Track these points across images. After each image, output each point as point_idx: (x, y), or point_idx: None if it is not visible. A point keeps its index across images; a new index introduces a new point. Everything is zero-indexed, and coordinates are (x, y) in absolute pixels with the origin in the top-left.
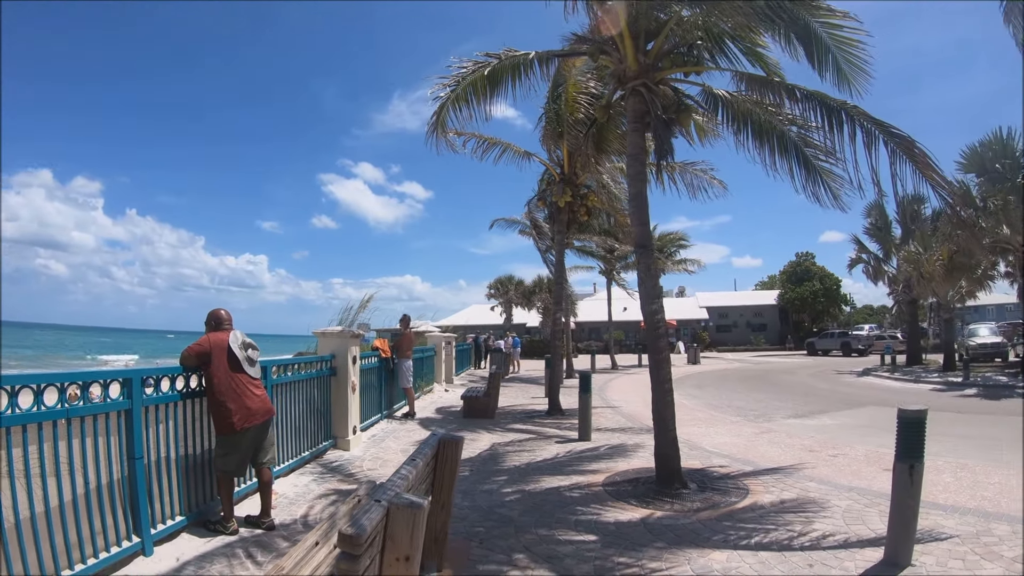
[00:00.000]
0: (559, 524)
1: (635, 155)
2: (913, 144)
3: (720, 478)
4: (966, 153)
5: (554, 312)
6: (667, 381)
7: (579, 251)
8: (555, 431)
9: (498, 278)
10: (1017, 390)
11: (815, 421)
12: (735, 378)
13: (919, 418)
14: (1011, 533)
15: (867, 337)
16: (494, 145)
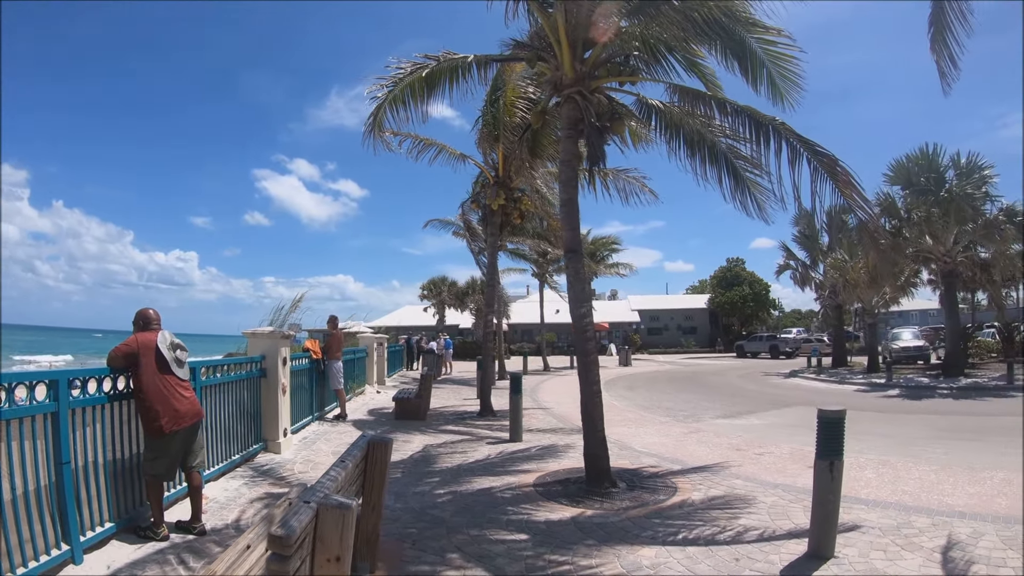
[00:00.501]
0: (491, 524)
1: (567, 161)
2: (836, 162)
3: (649, 477)
4: (893, 167)
5: (486, 314)
6: (595, 383)
7: (512, 254)
8: (487, 432)
9: (431, 279)
10: (939, 391)
11: (743, 421)
12: (665, 380)
13: (838, 418)
14: (930, 525)
15: (795, 340)
16: (430, 146)
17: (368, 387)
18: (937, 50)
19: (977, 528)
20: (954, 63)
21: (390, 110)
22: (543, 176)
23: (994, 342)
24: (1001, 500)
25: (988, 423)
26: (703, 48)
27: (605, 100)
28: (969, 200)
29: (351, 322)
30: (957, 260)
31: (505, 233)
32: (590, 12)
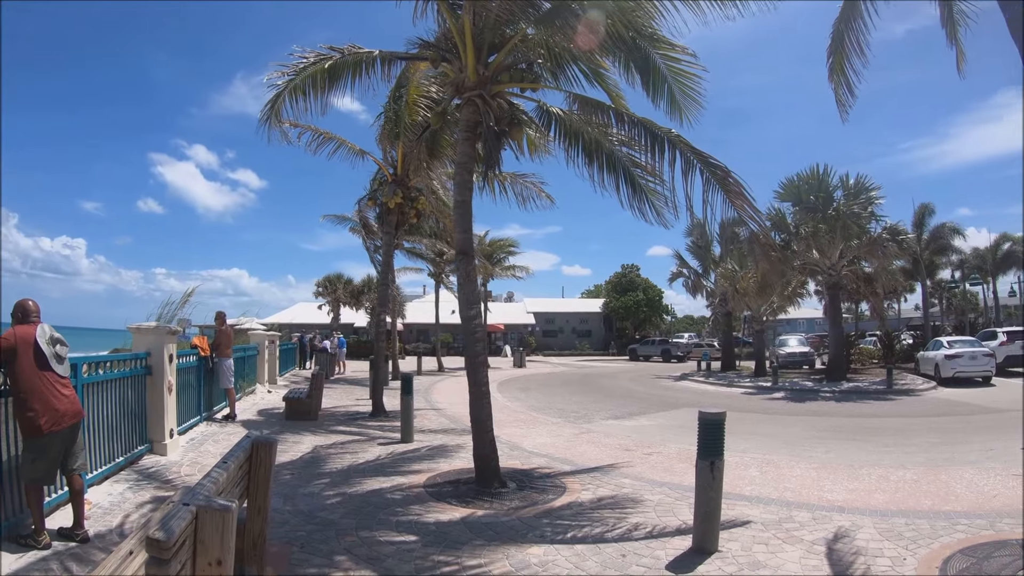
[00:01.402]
0: (380, 526)
1: (464, 163)
2: (728, 174)
3: (540, 477)
4: (784, 184)
5: (379, 313)
6: (484, 384)
7: (409, 253)
8: (378, 433)
9: (327, 276)
10: (822, 394)
11: (633, 422)
12: (558, 382)
13: (718, 420)
14: (811, 519)
15: (686, 344)
16: (329, 140)
17: (259, 386)
18: (835, 79)
19: (855, 521)
20: (851, 91)
21: (290, 99)
22: (441, 177)
23: (875, 349)
24: (879, 495)
25: (868, 424)
26: (607, 60)
27: (506, 105)
28: (855, 218)
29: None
30: (842, 273)
31: (401, 232)
32: (498, 17)
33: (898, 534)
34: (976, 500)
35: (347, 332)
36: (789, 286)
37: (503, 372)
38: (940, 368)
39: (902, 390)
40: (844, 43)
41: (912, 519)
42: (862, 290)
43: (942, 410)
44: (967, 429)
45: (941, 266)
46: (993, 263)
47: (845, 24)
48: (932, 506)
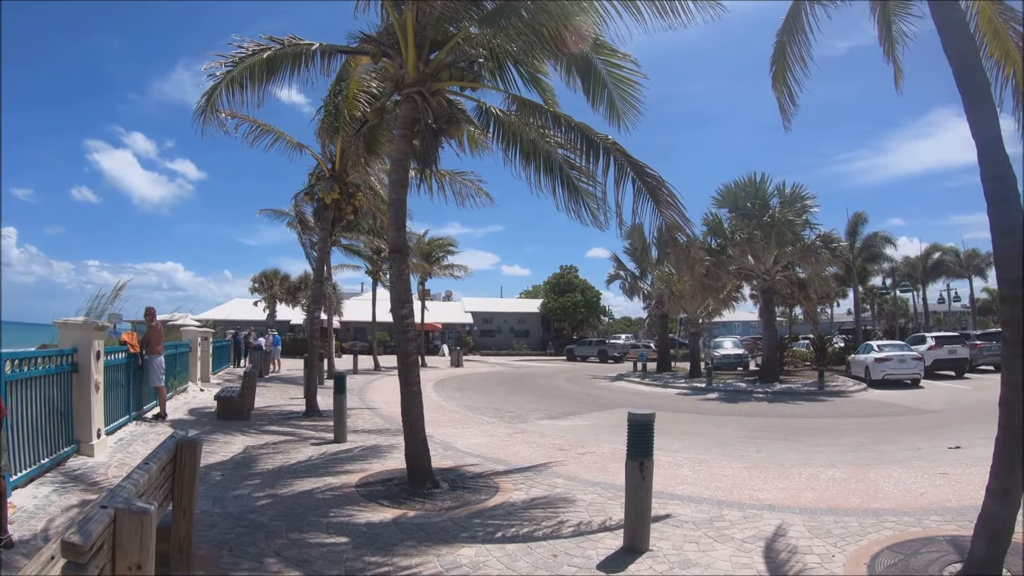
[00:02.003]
0: (311, 528)
1: (400, 161)
2: (661, 185)
3: (472, 477)
4: (722, 191)
5: (313, 310)
6: (415, 384)
7: (346, 249)
8: (311, 433)
9: (263, 271)
10: (755, 395)
11: (567, 422)
12: (495, 381)
13: (647, 421)
14: (741, 518)
15: (623, 345)
16: (267, 132)
17: (191, 384)
18: (778, 88)
19: (786, 519)
20: (792, 100)
21: (227, 91)
22: (379, 173)
23: (808, 352)
24: (809, 494)
25: (799, 424)
26: (548, 64)
27: (445, 103)
28: (790, 226)
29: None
30: (776, 278)
31: (338, 228)
32: (441, 14)
33: (827, 531)
34: (904, 498)
35: (283, 329)
36: (724, 290)
37: (440, 371)
38: (870, 371)
39: (833, 391)
40: (786, 54)
41: (841, 517)
42: (796, 295)
43: (871, 411)
44: (896, 429)
45: (873, 273)
46: (923, 271)
47: (788, 36)
48: (861, 504)
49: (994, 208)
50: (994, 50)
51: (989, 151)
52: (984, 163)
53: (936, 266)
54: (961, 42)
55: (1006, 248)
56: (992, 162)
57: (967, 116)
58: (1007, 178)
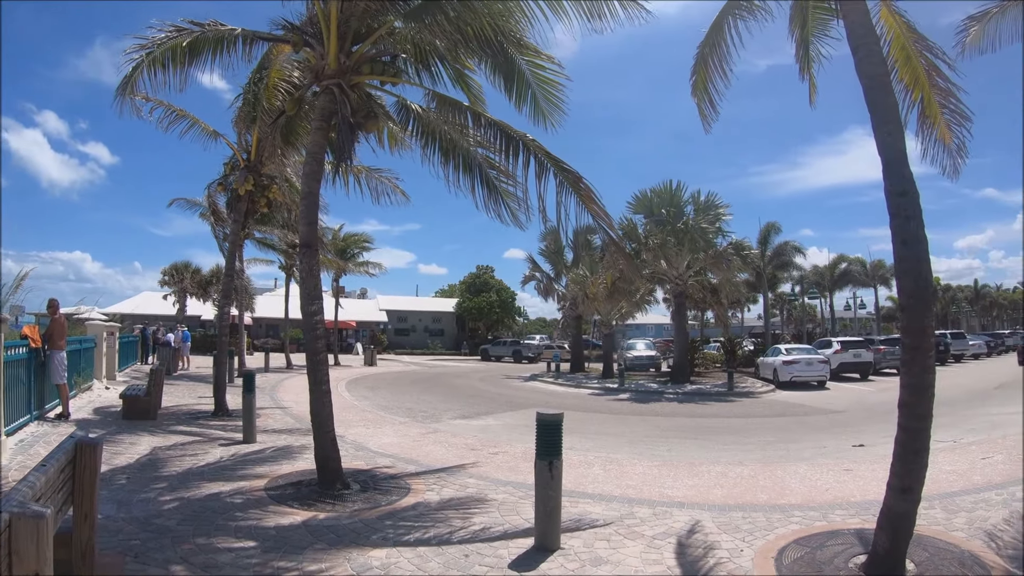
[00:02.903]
0: (219, 532)
1: (315, 153)
2: (580, 180)
3: (384, 478)
4: (636, 197)
5: (222, 305)
6: (324, 382)
7: (260, 243)
8: (220, 433)
9: (174, 264)
10: (666, 395)
11: (480, 422)
12: (408, 380)
13: (555, 421)
14: (652, 515)
15: (537, 346)
16: (182, 117)
17: (96, 382)
18: (698, 95)
19: (695, 516)
20: (713, 107)
21: (149, 70)
22: (295, 166)
23: (719, 354)
24: (717, 491)
25: (709, 424)
26: (473, 62)
27: (364, 97)
28: (703, 232)
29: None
30: (688, 283)
31: (252, 221)
32: (367, 7)
33: (735, 527)
34: (809, 493)
35: (194, 325)
36: (637, 293)
37: (353, 370)
38: (778, 373)
39: (742, 392)
40: (708, 65)
41: (749, 512)
42: (707, 299)
43: (779, 411)
44: (802, 428)
45: (783, 280)
46: (831, 279)
47: (709, 48)
48: (768, 500)
49: (897, 221)
50: (904, 75)
51: (894, 167)
52: (889, 178)
53: (843, 275)
54: (873, 64)
55: (907, 259)
56: (897, 178)
57: (875, 133)
58: (910, 193)
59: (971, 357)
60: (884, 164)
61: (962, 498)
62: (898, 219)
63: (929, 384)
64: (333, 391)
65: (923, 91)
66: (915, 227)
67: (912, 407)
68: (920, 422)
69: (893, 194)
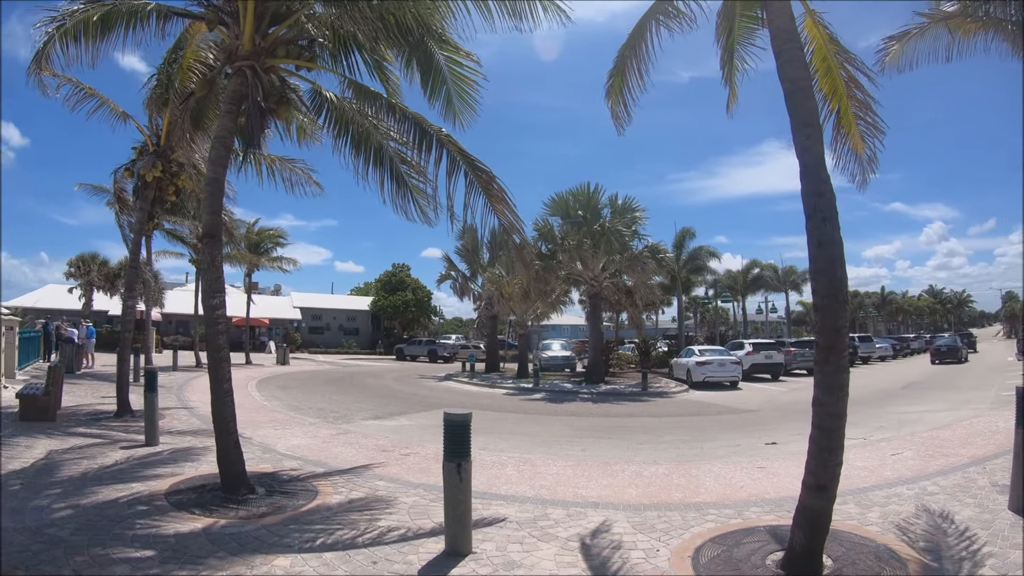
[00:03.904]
0: (115, 541)
1: (222, 138)
2: (492, 180)
3: (290, 481)
4: (554, 199)
5: (127, 298)
6: (226, 380)
7: (170, 235)
8: (122, 435)
9: (80, 255)
10: (580, 395)
11: (392, 422)
12: (321, 380)
13: (463, 421)
14: (566, 516)
15: (453, 345)
16: (91, 96)
17: None
18: (613, 98)
19: (610, 516)
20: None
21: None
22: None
23: (633, 355)
24: (632, 490)
25: (623, 423)
26: (391, 53)
27: (278, 81)
28: (619, 235)
29: None
30: (603, 285)
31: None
32: None
33: (651, 526)
34: (724, 491)
35: (101, 321)
36: (553, 294)
37: (265, 369)
38: (692, 373)
39: (656, 392)
40: (626, 68)
41: (664, 511)
42: (622, 301)
43: (693, 411)
44: (715, 428)
45: (697, 284)
46: (744, 284)
47: (630, 51)
48: (683, 498)
49: (813, 223)
50: (824, 84)
51: (812, 169)
52: (806, 180)
53: (756, 280)
54: (796, 68)
55: (822, 260)
56: (814, 180)
57: (793, 136)
58: (826, 195)
59: (878, 359)
60: (802, 166)
61: (875, 493)
62: (814, 220)
63: (843, 383)
64: (243, 391)
65: (840, 102)
66: (831, 229)
67: (826, 406)
68: (834, 421)
69: (810, 195)
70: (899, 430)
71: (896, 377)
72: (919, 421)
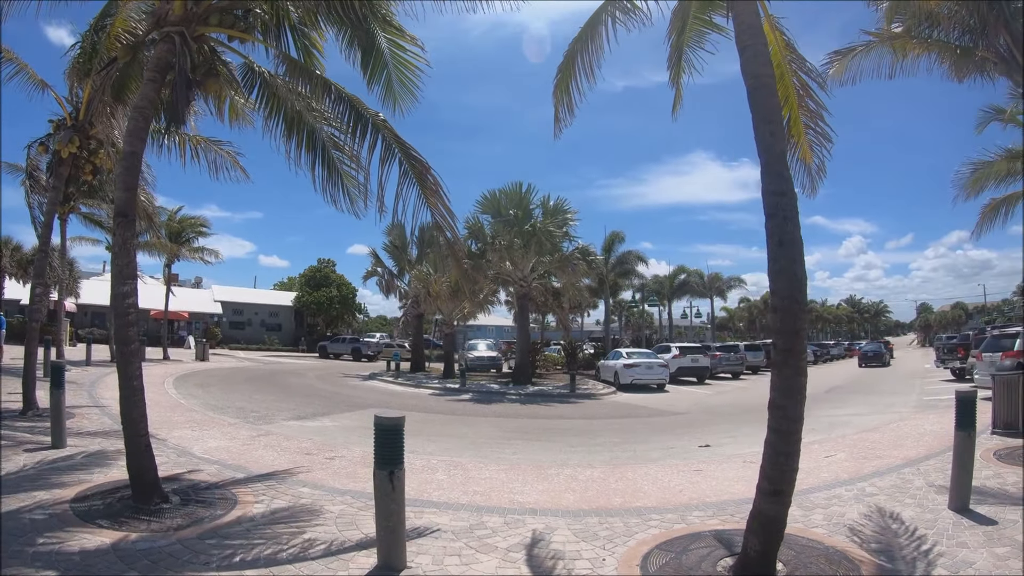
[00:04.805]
0: (14, 559)
1: (142, 108)
2: (428, 171)
3: (208, 488)
4: (485, 197)
5: (36, 286)
6: (136, 378)
7: (87, 219)
8: (27, 436)
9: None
10: (508, 396)
11: (316, 423)
12: (242, 378)
13: (396, 425)
14: (504, 524)
15: (377, 344)
16: (9, 60)
17: None
18: (558, 96)
19: (549, 523)
20: (570, 111)
21: None
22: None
23: (560, 356)
24: (569, 495)
25: (554, 425)
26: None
27: (208, 52)
28: (550, 236)
29: None
30: (532, 285)
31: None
32: None
33: (593, 534)
34: (664, 495)
35: (13, 310)
36: (482, 293)
37: (183, 365)
38: (619, 375)
39: (584, 394)
40: (575, 63)
41: (605, 517)
42: (549, 302)
43: (622, 413)
44: (647, 430)
45: (624, 287)
46: (671, 289)
47: (581, 45)
48: (623, 503)
49: (774, 222)
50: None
51: (774, 167)
52: (768, 178)
53: (682, 285)
54: (760, 64)
55: (783, 260)
56: (776, 178)
57: (755, 133)
58: (788, 194)
59: None
60: (763, 164)
61: (815, 495)
62: (775, 219)
63: (801, 387)
64: (159, 388)
65: (792, 110)
66: (792, 228)
67: (784, 409)
68: (792, 424)
69: (771, 194)
70: (830, 432)
71: (820, 381)
72: (848, 424)
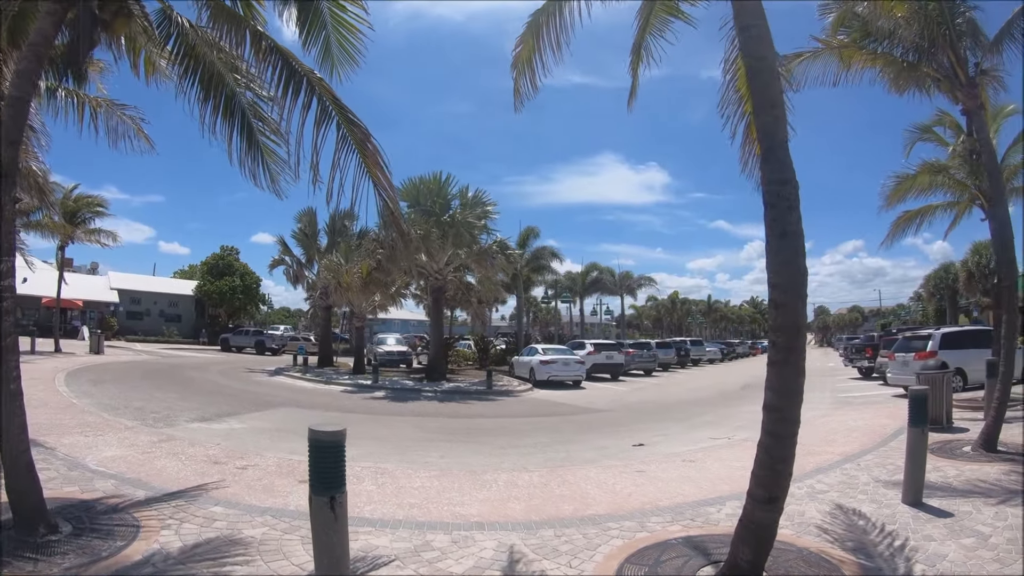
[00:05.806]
0: None
1: (36, 44)
2: (368, 138)
3: (106, 512)
4: (405, 184)
5: None
6: (14, 380)
7: None
8: None
9: None
10: (424, 393)
11: (223, 425)
12: (140, 373)
13: (335, 442)
14: (451, 543)
15: (282, 337)
16: None
17: None
18: (520, 68)
19: (502, 539)
20: (533, 85)
21: None
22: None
23: (471, 352)
24: (514, 504)
25: (476, 424)
26: None
27: None
28: (469, 227)
29: None
30: (448, 279)
31: None
32: None
33: (554, 549)
34: (614, 501)
35: None
36: (394, 285)
37: (77, 359)
38: (535, 372)
39: (501, 391)
40: (539, 36)
41: (560, 529)
42: (462, 296)
43: (543, 410)
44: (572, 428)
45: (537, 283)
46: (583, 286)
47: (546, 16)
48: (574, 512)
49: (776, 211)
50: (742, 86)
51: (776, 154)
52: (770, 166)
53: (594, 283)
54: (763, 46)
55: (785, 252)
56: (778, 165)
57: (756, 118)
58: (791, 182)
59: (707, 361)
60: (765, 150)
61: None
62: (778, 209)
63: (800, 388)
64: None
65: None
66: (795, 218)
67: (782, 411)
68: (790, 427)
69: (773, 183)
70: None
71: (732, 379)
72: None
